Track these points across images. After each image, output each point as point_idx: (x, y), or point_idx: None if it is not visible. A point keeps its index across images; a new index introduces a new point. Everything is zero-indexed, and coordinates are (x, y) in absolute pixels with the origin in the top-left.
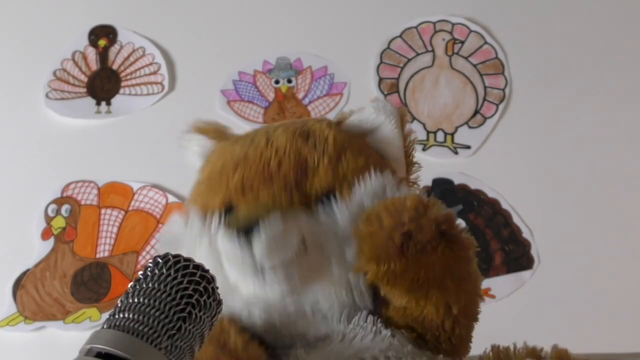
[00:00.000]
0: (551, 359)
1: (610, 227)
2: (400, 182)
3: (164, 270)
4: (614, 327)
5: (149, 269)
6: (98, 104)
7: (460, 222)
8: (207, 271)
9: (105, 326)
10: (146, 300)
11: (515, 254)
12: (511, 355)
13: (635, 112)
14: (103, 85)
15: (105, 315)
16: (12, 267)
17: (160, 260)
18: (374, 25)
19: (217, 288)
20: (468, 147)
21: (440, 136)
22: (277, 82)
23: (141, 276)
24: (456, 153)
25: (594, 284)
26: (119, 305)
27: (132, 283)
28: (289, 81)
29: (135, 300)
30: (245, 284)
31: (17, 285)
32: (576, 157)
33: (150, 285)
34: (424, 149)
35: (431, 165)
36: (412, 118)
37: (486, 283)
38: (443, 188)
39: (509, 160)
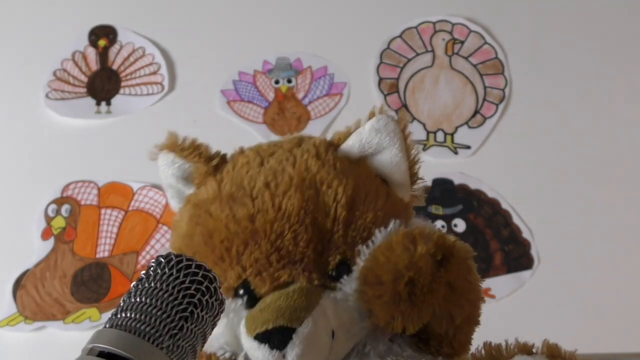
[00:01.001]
0: (542, 354)
1: (611, 226)
2: (405, 224)
3: (167, 270)
4: (613, 327)
5: (151, 268)
6: (98, 104)
7: (446, 231)
8: (209, 271)
9: (107, 325)
10: (148, 300)
11: (515, 254)
12: (503, 351)
13: (635, 112)
14: (103, 85)
15: (105, 316)
16: (12, 267)
17: (163, 260)
18: (374, 25)
19: (220, 288)
20: (468, 147)
21: (440, 136)
22: (277, 82)
23: (143, 276)
24: (456, 153)
25: (594, 284)
26: (121, 304)
27: (134, 282)
28: (289, 81)
29: (138, 299)
30: None
31: (17, 285)
32: (576, 157)
33: (152, 284)
34: (424, 149)
35: (431, 165)
36: (412, 118)
37: (486, 283)
38: (443, 188)
39: (509, 160)
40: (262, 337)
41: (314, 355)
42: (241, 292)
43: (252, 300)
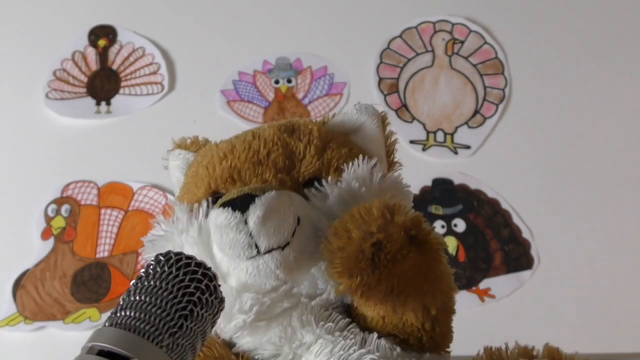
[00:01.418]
0: (544, 359)
1: (611, 227)
2: (385, 174)
3: (166, 268)
4: (614, 327)
5: (150, 266)
6: (98, 104)
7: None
8: (209, 269)
9: (107, 324)
10: (148, 298)
11: (515, 254)
12: (504, 356)
13: (636, 112)
14: (103, 85)
15: (105, 316)
16: (12, 267)
17: (162, 258)
18: (374, 25)
19: (219, 286)
20: (468, 147)
21: (440, 136)
22: (277, 82)
23: (143, 274)
24: (456, 153)
25: (594, 284)
26: (121, 303)
27: (134, 281)
28: (289, 81)
29: (137, 298)
30: (238, 269)
31: (17, 285)
32: (576, 157)
33: (152, 283)
34: (423, 149)
35: (431, 165)
36: (412, 118)
37: (486, 283)
38: (443, 188)
39: (509, 160)
40: (225, 204)
41: (276, 228)
42: (213, 200)
43: None
